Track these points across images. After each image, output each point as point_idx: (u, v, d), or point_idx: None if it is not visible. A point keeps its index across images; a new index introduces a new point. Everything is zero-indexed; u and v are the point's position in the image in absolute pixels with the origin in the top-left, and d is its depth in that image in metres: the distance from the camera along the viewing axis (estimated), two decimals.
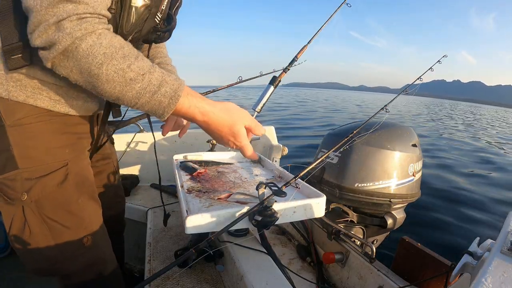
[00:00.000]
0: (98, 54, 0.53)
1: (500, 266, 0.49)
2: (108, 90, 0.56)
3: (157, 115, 0.61)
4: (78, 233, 0.74)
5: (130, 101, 0.58)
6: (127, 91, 0.56)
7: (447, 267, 0.94)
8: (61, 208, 0.71)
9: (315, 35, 1.51)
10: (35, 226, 0.69)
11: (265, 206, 0.75)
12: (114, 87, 0.55)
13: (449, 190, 3.88)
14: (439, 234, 2.72)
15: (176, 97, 0.59)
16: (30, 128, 0.67)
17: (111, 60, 0.54)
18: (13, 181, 0.67)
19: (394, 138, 1.40)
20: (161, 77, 0.59)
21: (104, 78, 0.54)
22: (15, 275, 1.64)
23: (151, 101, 0.58)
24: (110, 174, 1.03)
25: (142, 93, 0.57)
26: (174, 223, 1.40)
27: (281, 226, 1.56)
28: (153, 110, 0.60)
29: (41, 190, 0.68)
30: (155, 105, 0.59)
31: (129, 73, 0.55)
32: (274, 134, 2.34)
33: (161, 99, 0.58)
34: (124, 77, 0.55)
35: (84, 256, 0.76)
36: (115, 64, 0.54)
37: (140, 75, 0.56)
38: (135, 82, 0.56)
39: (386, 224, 1.41)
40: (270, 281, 0.82)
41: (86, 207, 0.77)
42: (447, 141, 8.24)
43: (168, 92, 0.58)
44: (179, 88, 0.60)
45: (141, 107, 0.59)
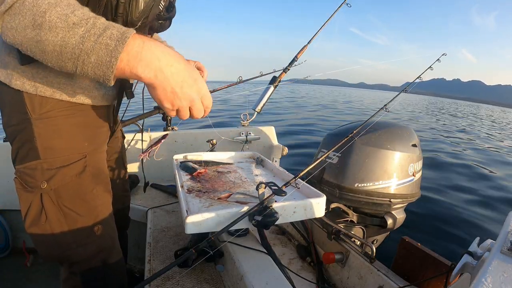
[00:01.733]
0: (42, 3, 0.52)
1: (500, 266, 0.49)
2: (51, 39, 0.52)
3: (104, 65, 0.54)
4: (90, 221, 0.78)
5: (74, 49, 0.52)
6: (70, 36, 0.52)
7: (447, 267, 0.94)
8: (77, 197, 0.75)
9: (315, 35, 1.51)
10: (52, 213, 0.72)
11: (265, 206, 0.75)
12: (56, 33, 0.52)
13: (449, 190, 3.88)
14: (439, 234, 2.72)
15: (123, 38, 0.53)
16: (54, 121, 0.71)
17: (54, 7, 0.52)
18: (34, 170, 0.71)
19: (394, 138, 1.40)
20: (108, 22, 0.54)
21: (47, 25, 0.51)
22: (15, 275, 1.64)
23: (96, 45, 0.52)
24: (120, 168, 1.06)
25: (86, 37, 0.52)
26: (174, 223, 1.40)
27: (281, 226, 1.56)
28: (100, 59, 0.53)
29: (61, 180, 0.72)
30: (101, 51, 0.52)
31: (73, 17, 0.52)
32: (274, 134, 2.34)
33: (107, 41, 0.52)
34: (67, 21, 0.52)
35: (94, 244, 0.79)
36: (59, 11, 0.52)
37: (84, 19, 0.53)
38: (78, 26, 0.52)
39: (386, 224, 1.41)
40: (270, 281, 0.82)
41: (100, 197, 0.80)
42: (447, 140, 8.25)
43: (114, 33, 0.53)
44: (127, 30, 0.54)
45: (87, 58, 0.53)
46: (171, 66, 0.57)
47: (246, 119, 2.16)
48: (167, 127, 2.12)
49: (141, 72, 0.55)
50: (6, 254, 1.78)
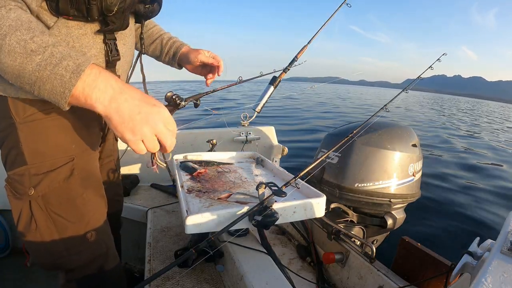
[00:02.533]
0: (3, 25, 0.52)
1: (500, 266, 0.49)
2: (10, 63, 0.53)
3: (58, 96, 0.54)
4: (81, 227, 0.75)
5: (31, 76, 0.53)
6: (27, 63, 0.53)
7: (447, 267, 0.94)
8: (66, 202, 0.73)
9: (315, 35, 1.51)
10: (41, 221, 0.70)
11: (265, 206, 0.75)
12: (15, 58, 0.52)
13: (449, 190, 3.88)
14: (439, 234, 2.72)
15: (78, 72, 0.53)
16: (38, 124, 0.69)
17: (15, 31, 0.52)
18: (22, 176, 0.69)
19: (394, 138, 1.40)
20: (66, 51, 0.54)
21: (6, 49, 0.52)
22: (15, 275, 1.64)
23: (51, 75, 0.53)
24: (111, 171, 1.04)
25: (42, 66, 0.53)
26: (174, 223, 1.40)
27: (281, 226, 1.56)
28: (54, 90, 0.54)
29: (48, 185, 0.70)
30: (55, 81, 0.53)
31: (31, 44, 0.53)
32: (274, 134, 2.34)
33: (62, 72, 0.53)
34: (25, 48, 0.52)
35: (88, 251, 0.77)
36: (18, 35, 0.52)
37: (42, 47, 0.53)
38: (36, 53, 0.53)
39: (386, 224, 1.41)
40: (270, 281, 0.82)
41: (91, 202, 0.78)
42: (447, 139, 8.24)
43: (70, 65, 0.53)
44: (84, 62, 0.54)
45: (42, 85, 0.54)
46: (126, 93, 0.56)
47: (246, 119, 2.15)
48: None
49: (95, 99, 0.55)
50: (6, 254, 1.78)
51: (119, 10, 0.68)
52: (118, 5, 0.67)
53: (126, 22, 0.73)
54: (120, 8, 0.68)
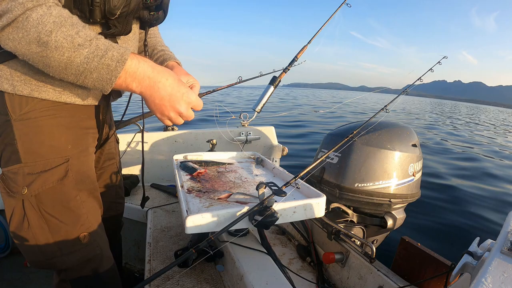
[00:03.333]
0: (48, 22, 0.55)
1: (500, 266, 0.49)
2: (57, 58, 0.56)
3: (104, 82, 0.61)
4: (75, 229, 0.75)
5: (78, 67, 0.58)
6: (76, 56, 0.57)
7: (447, 267, 0.94)
8: (59, 204, 0.72)
9: (315, 35, 1.51)
10: (34, 220, 0.70)
11: (265, 206, 0.75)
12: (63, 53, 0.56)
13: (450, 190, 3.88)
14: (439, 234, 2.72)
15: (123, 60, 0.61)
16: (34, 122, 0.69)
17: (60, 27, 0.56)
18: (16, 174, 0.68)
19: (394, 138, 1.40)
20: (108, 43, 0.61)
21: (53, 45, 0.55)
22: (15, 275, 1.64)
23: (99, 65, 0.59)
24: (113, 174, 1.04)
25: (90, 58, 0.58)
26: (174, 223, 1.40)
27: (281, 226, 1.56)
28: (101, 77, 0.60)
29: (41, 185, 0.69)
30: (102, 70, 0.60)
31: (77, 39, 0.57)
32: (274, 134, 2.34)
33: (108, 62, 0.60)
34: (73, 43, 0.56)
35: (81, 252, 0.76)
36: (64, 31, 0.56)
37: (88, 40, 0.58)
38: (83, 47, 0.57)
39: (386, 224, 1.41)
40: (270, 281, 0.82)
41: (85, 204, 0.77)
42: (447, 138, 8.24)
43: (115, 55, 0.60)
44: (125, 52, 0.62)
45: (89, 74, 0.60)
46: (159, 82, 0.67)
47: (246, 119, 2.16)
48: (167, 127, 2.12)
49: (135, 87, 0.65)
50: (6, 254, 1.78)
51: (122, 14, 0.69)
52: (121, 9, 0.67)
53: (128, 27, 0.73)
54: (123, 13, 0.69)
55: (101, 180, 0.99)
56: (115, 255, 0.91)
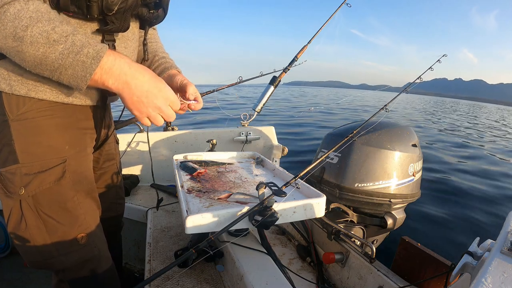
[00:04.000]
0: (24, 17, 0.54)
1: (500, 266, 0.49)
2: (32, 53, 0.56)
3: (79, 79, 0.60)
4: (72, 230, 0.75)
5: (53, 63, 0.58)
6: (50, 52, 0.57)
7: (447, 267, 0.94)
8: (56, 204, 0.72)
9: (315, 35, 1.51)
10: (31, 221, 0.70)
11: (265, 206, 0.75)
12: (37, 48, 0.56)
13: (450, 190, 3.88)
14: (439, 234, 2.72)
15: (98, 57, 0.60)
16: (32, 122, 0.68)
17: (36, 22, 0.55)
18: (13, 175, 0.68)
19: (394, 138, 1.40)
20: (85, 40, 0.60)
21: (29, 40, 0.55)
22: (15, 275, 1.64)
23: (74, 62, 0.58)
24: (113, 175, 1.03)
25: (65, 54, 0.57)
26: (174, 223, 1.40)
27: (281, 226, 1.56)
28: (76, 74, 0.59)
29: (38, 186, 0.69)
30: (77, 66, 0.59)
31: (53, 34, 0.57)
32: (274, 134, 2.34)
33: (83, 59, 0.59)
34: (48, 38, 0.56)
35: (78, 253, 0.76)
36: (40, 27, 0.56)
37: (64, 36, 0.57)
38: (58, 43, 0.57)
39: (386, 224, 1.41)
40: (270, 281, 0.82)
41: (82, 205, 0.77)
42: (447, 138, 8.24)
43: (90, 52, 0.59)
44: (102, 49, 0.60)
45: (64, 71, 0.59)
46: (136, 79, 0.65)
47: (246, 119, 2.16)
48: (167, 127, 2.12)
49: (111, 84, 0.64)
50: (6, 254, 1.78)
51: (119, 10, 0.68)
52: (119, 4, 0.66)
53: (126, 23, 0.72)
54: (121, 8, 0.68)
55: (101, 181, 0.99)
56: (115, 256, 0.91)
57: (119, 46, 0.77)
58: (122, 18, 0.70)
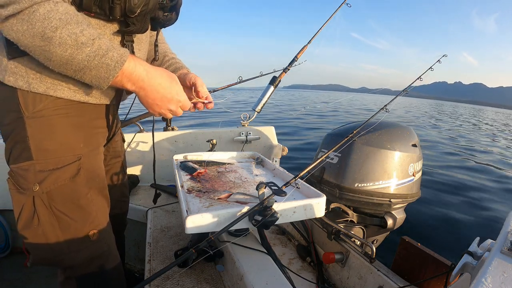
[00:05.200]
0: (54, 18, 0.56)
1: (500, 266, 0.49)
2: (59, 53, 0.58)
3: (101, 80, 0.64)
4: (84, 226, 0.76)
5: (79, 64, 0.61)
6: (78, 54, 0.59)
7: (447, 267, 0.94)
8: (70, 201, 0.73)
9: (315, 35, 1.51)
10: (44, 217, 0.71)
11: (265, 206, 0.75)
12: (65, 49, 0.58)
13: (450, 190, 3.88)
14: (439, 234, 2.72)
15: (121, 61, 0.64)
16: (47, 120, 0.69)
17: (66, 24, 0.57)
18: (26, 171, 0.69)
19: (394, 138, 1.40)
20: (109, 44, 0.63)
21: (58, 41, 0.57)
22: (15, 275, 1.64)
23: (99, 64, 0.62)
24: (119, 172, 1.05)
25: (91, 56, 0.61)
26: (174, 223, 1.40)
27: (281, 226, 1.56)
28: (99, 75, 0.63)
29: (53, 182, 0.70)
30: (101, 68, 0.63)
31: (81, 37, 0.59)
32: (274, 134, 2.34)
33: (108, 62, 0.63)
34: (77, 41, 0.59)
35: (89, 250, 0.77)
36: (69, 29, 0.58)
37: (91, 39, 0.60)
38: (85, 46, 0.60)
39: (386, 224, 1.41)
40: (270, 281, 0.82)
41: (95, 202, 0.78)
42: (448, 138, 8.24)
43: (115, 56, 0.63)
44: (124, 54, 0.65)
45: (88, 71, 0.62)
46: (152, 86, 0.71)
47: (246, 119, 2.16)
48: (167, 127, 2.12)
49: (129, 87, 0.69)
50: (6, 254, 1.78)
51: (141, 12, 0.70)
52: (141, 7, 0.69)
53: (146, 25, 0.75)
54: (142, 11, 0.70)
55: (108, 178, 1.00)
56: (119, 254, 0.92)
57: (135, 47, 0.79)
58: (142, 20, 0.73)
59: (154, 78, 0.71)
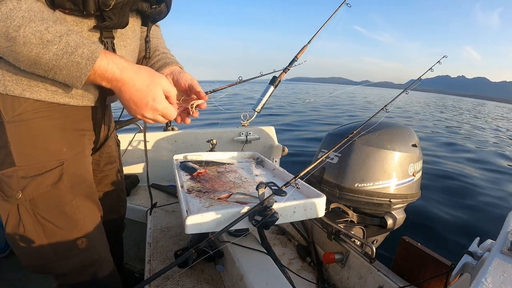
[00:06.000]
0: (16, 17, 0.53)
1: (500, 266, 0.49)
2: (25, 53, 0.55)
3: (74, 79, 0.60)
4: (72, 234, 0.73)
5: (47, 63, 0.57)
6: (44, 53, 0.56)
7: (447, 267, 0.94)
8: (54, 208, 0.70)
9: (316, 35, 1.51)
10: (29, 225, 0.69)
11: (265, 206, 0.75)
12: (31, 49, 0.55)
13: (450, 190, 3.88)
14: (439, 234, 2.72)
15: (93, 58, 0.59)
16: (28, 124, 0.66)
17: (29, 22, 0.54)
18: (10, 178, 0.66)
19: (394, 138, 1.40)
20: (79, 40, 0.58)
21: (22, 40, 0.54)
22: (15, 275, 1.64)
23: (68, 62, 0.58)
24: (115, 178, 1.02)
25: (59, 55, 0.56)
26: (174, 223, 1.40)
27: (281, 226, 1.56)
28: (71, 74, 0.59)
29: (35, 189, 0.67)
30: (72, 67, 0.58)
31: (47, 35, 0.55)
32: (274, 134, 2.34)
33: (78, 60, 0.58)
34: (42, 39, 0.55)
35: (78, 258, 0.75)
36: (33, 27, 0.54)
37: (57, 37, 0.56)
38: (52, 43, 0.56)
39: (386, 224, 1.41)
40: (270, 281, 0.82)
41: (81, 209, 0.75)
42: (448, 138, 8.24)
43: (85, 53, 0.58)
44: (96, 49, 0.59)
45: (59, 71, 0.58)
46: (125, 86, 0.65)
47: (246, 119, 2.16)
48: (167, 127, 2.12)
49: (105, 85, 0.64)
50: (6, 254, 1.78)
51: (117, 5, 0.65)
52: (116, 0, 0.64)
53: (124, 19, 0.70)
54: (118, 3, 0.65)
55: (102, 184, 0.98)
56: (116, 257, 0.90)
57: (118, 44, 0.74)
58: (120, 14, 0.68)
59: (129, 78, 0.64)
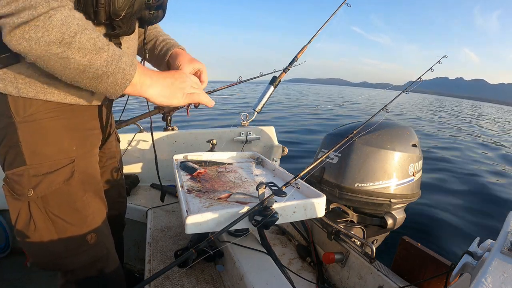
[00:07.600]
0: (72, 24, 0.55)
1: (500, 266, 0.49)
2: (78, 59, 0.57)
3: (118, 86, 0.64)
4: (82, 230, 0.75)
5: (97, 70, 0.60)
6: (96, 59, 0.59)
7: (447, 267, 0.94)
8: (66, 205, 0.72)
9: (315, 35, 1.51)
10: (40, 222, 0.70)
11: (265, 206, 0.75)
12: (85, 55, 0.57)
13: (450, 190, 3.88)
14: (439, 234, 2.72)
15: (134, 65, 0.65)
16: (39, 124, 0.69)
17: (84, 29, 0.57)
18: (21, 176, 0.68)
19: (394, 138, 1.40)
20: (119, 49, 0.63)
21: (77, 46, 0.56)
22: (15, 275, 1.64)
23: (116, 69, 0.61)
24: (115, 173, 1.04)
25: (109, 61, 0.60)
26: (174, 223, 1.40)
27: (281, 226, 1.56)
28: (116, 81, 0.63)
29: (47, 187, 0.69)
30: (118, 74, 0.62)
31: (99, 42, 0.59)
32: (274, 134, 2.34)
33: (124, 66, 0.63)
34: (95, 45, 0.58)
35: (88, 253, 0.77)
36: (88, 34, 0.57)
37: (106, 45, 0.60)
38: (103, 50, 0.59)
39: (386, 224, 1.41)
40: (270, 281, 0.82)
41: (91, 205, 0.77)
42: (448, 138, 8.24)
43: (127, 61, 0.64)
44: (133, 58, 0.67)
45: (105, 78, 0.61)
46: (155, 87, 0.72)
47: (246, 119, 2.16)
48: (167, 127, 2.12)
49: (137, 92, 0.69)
50: (6, 254, 1.78)
51: (126, 15, 0.69)
52: (126, 10, 0.68)
53: (132, 27, 0.74)
54: (127, 13, 0.69)
55: (103, 179, 0.99)
56: (117, 255, 0.91)
57: (123, 46, 0.78)
58: (128, 22, 0.72)
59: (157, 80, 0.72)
